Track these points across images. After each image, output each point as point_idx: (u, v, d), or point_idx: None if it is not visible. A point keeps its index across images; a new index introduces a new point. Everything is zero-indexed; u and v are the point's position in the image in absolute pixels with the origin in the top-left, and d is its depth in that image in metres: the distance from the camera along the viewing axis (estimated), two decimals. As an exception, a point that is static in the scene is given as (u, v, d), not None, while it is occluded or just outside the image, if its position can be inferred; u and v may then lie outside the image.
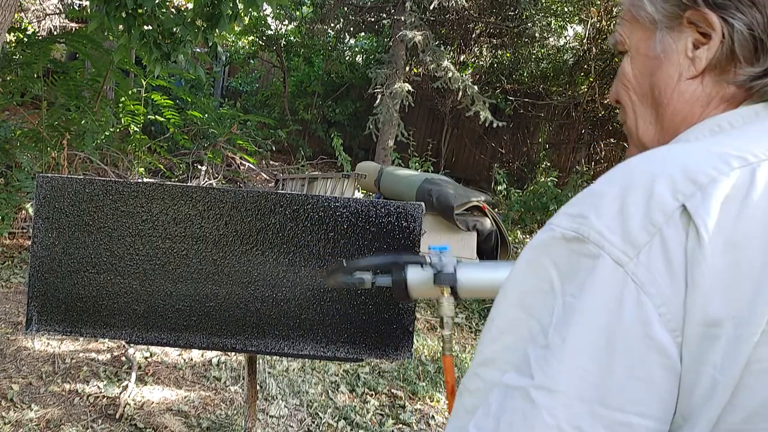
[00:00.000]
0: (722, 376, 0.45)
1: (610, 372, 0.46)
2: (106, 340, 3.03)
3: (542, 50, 9.99)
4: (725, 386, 0.45)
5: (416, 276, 1.11)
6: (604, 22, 8.51)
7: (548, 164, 8.92)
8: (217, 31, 4.10)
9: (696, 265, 0.45)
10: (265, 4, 4.17)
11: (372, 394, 2.97)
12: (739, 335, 0.44)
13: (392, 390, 3.04)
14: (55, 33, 8.45)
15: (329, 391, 2.93)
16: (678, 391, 0.46)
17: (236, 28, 4.85)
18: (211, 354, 3.13)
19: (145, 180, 6.01)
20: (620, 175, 0.51)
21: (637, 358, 0.45)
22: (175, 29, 4.08)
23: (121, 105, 6.29)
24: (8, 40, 5.87)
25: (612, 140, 9.87)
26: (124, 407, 2.51)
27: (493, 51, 10.09)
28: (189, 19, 4.09)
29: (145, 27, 3.98)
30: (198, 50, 6.00)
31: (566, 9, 9.08)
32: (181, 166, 7.31)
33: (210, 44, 4.26)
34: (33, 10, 8.69)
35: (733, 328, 0.44)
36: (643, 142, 0.67)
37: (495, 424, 0.48)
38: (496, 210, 7.46)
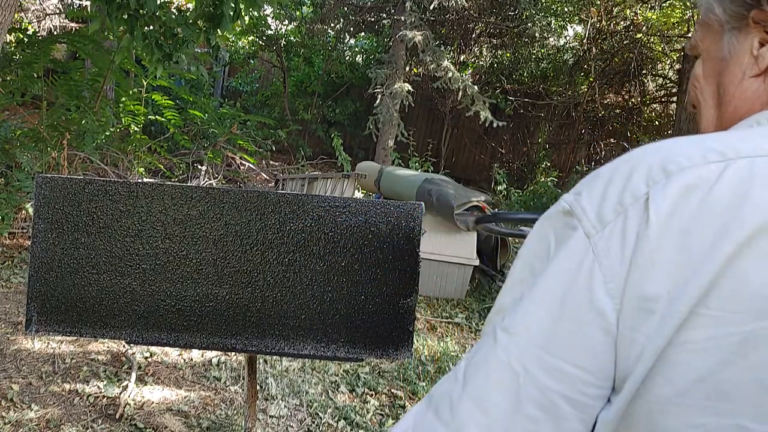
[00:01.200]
0: (650, 343, 0.50)
1: (558, 325, 0.53)
2: (106, 340, 3.03)
3: (542, 50, 10.00)
4: (651, 352, 0.49)
5: None
6: (604, 22, 8.52)
7: (548, 164, 8.93)
8: (218, 31, 4.10)
9: (641, 244, 0.50)
10: (265, 4, 4.16)
11: (372, 394, 2.97)
12: (669, 312, 0.49)
13: (392, 390, 3.04)
14: (55, 33, 8.45)
15: (329, 391, 2.93)
16: (615, 354, 0.52)
17: (237, 28, 4.85)
18: (211, 354, 3.13)
19: (145, 180, 6.01)
20: (620, 160, 0.56)
21: (581, 317, 0.52)
22: (176, 30, 4.07)
23: (121, 105, 6.30)
24: (8, 40, 5.86)
25: (612, 140, 9.87)
26: (124, 407, 2.51)
27: (493, 51, 10.10)
28: (190, 20, 4.09)
29: (147, 28, 3.98)
30: (198, 50, 6.00)
31: (566, 9, 9.08)
32: (181, 166, 7.31)
33: (212, 44, 4.26)
34: (33, 10, 8.69)
35: (667, 305, 0.49)
36: None
37: (472, 354, 0.58)
38: (496, 210, 7.46)
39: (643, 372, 0.50)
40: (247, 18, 4.28)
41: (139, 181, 4.90)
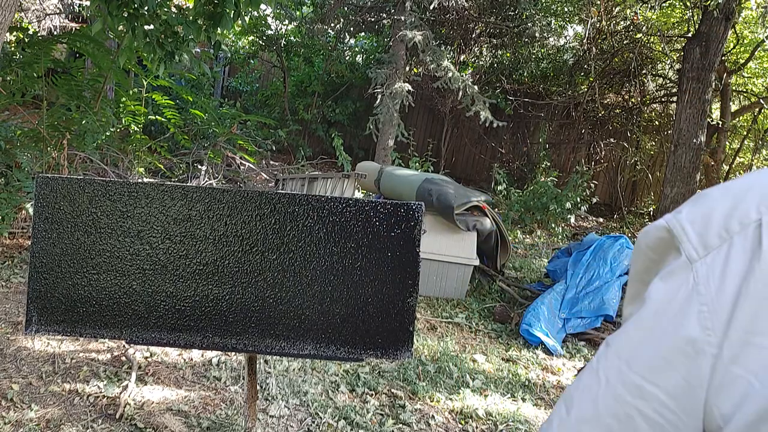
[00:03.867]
0: (761, 385, 0.46)
1: (645, 344, 0.53)
2: (106, 340, 3.03)
3: (542, 50, 10.00)
4: (762, 396, 0.46)
5: None
6: (604, 22, 8.52)
7: (548, 164, 8.92)
8: (219, 29, 4.10)
9: (753, 277, 0.48)
10: (265, 3, 4.16)
11: (372, 394, 2.97)
12: None
13: (392, 390, 3.04)
14: (55, 33, 8.45)
15: (329, 391, 2.93)
16: (708, 388, 0.50)
17: (237, 28, 4.85)
18: (211, 354, 3.14)
19: (145, 180, 6.01)
20: (731, 182, 0.54)
21: (668, 340, 0.52)
22: (177, 28, 4.08)
23: (121, 105, 6.30)
24: (8, 40, 5.86)
25: (612, 140, 9.87)
26: (124, 407, 2.51)
27: (493, 51, 10.10)
28: (191, 18, 4.09)
29: (147, 27, 3.98)
30: (198, 50, 6.01)
31: (566, 9, 9.08)
32: (181, 166, 7.31)
33: (213, 43, 4.26)
34: (33, 10, 8.69)
35: None
36: None
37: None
38: (496, 210, 7.46)
39: (752, 415, 0.46)
40: (247, 17, 4.27)
41: (139, 181, 4.90)
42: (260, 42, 10.65)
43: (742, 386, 0.48)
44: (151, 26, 4.00)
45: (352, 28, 10.09)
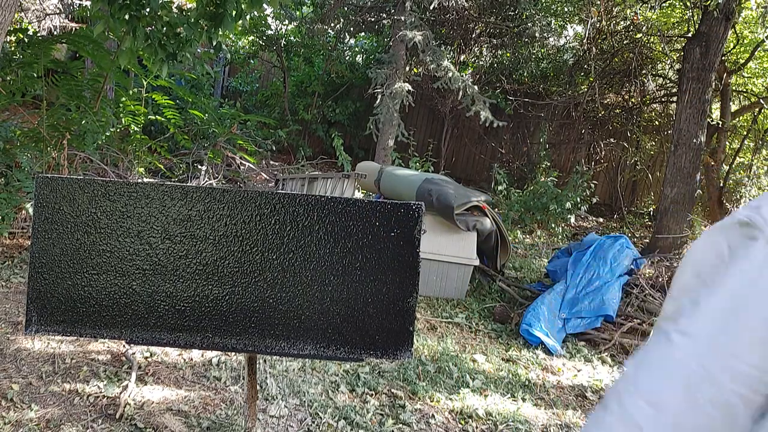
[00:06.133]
0: None
1: (739, 328, 0.57)
2: (106, 340, 3.03)
3: (542, 50, 9.99)
4: None
5: None
6: (604, 22, 8.51)
7: (548, 164, 8.92)
8: (220, 30, 4.10)
9: None
10: (266, 4, 4.16)
11: (372, 394, 2.97)
12: None
13: (392, 390, 3.04)
14: (55, 33, 8.45)
15: (329, 391, 2.93)
16: None
17: (238, 28, 4.85)
18: (211, 354, 3.13)
19: (145, 180, 6.01)
20: None
21: (761, 320, 0.56)
22: (179, 29, 4.07)
23: (121, 105, 6.29)
24: (8, 40, 5.86)
25: (612, 140, 9.87)
26: (124, 407, 2.51)
27: (493, 51, 10.09)
28: (193, 19, 4.09)
29: (149, 28, 3.98)
30: (200, 50, 6.01)
31: (566, 9, 9.07)
32: (181, 166, 7.31)
33: (214, 44, 4.26)
34: (33, 10, 8.69)
35: None
36: None
37: (641, 355, 0.64)
38: (496, 210, 7.46)
39: None
40: (248, 18, 4.27)
41: (139, 181, 4.89)
42: (260, 42, 10.64)
43: None
44: (152, 27, 4.00)
45: (352, 28, 10.08)
